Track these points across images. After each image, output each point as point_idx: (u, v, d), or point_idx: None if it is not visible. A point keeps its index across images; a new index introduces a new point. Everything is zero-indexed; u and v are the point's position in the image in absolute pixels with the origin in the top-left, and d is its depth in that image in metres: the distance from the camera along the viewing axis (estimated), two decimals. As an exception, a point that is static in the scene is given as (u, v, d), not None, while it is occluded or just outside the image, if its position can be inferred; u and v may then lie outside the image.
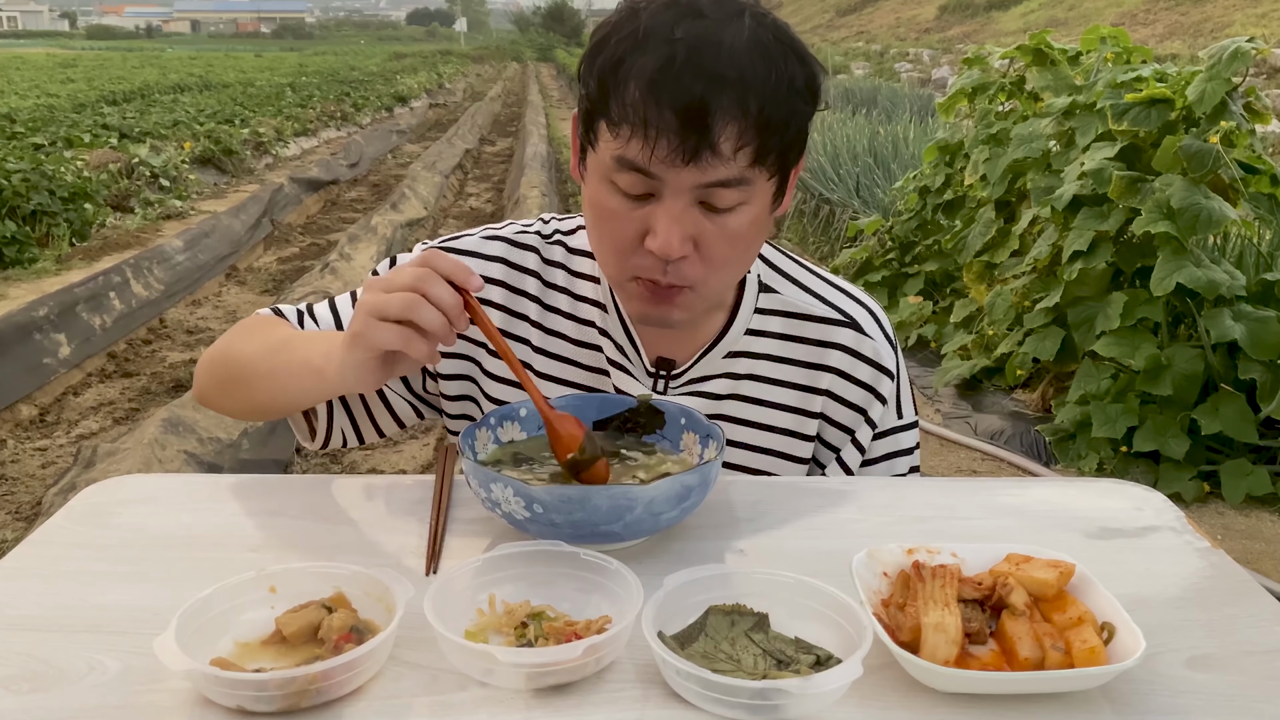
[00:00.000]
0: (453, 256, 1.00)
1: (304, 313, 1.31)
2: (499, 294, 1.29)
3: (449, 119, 20.29)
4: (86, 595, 0.92)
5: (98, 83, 23.79)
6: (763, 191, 1.08)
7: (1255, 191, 3.98)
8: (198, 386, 1.31)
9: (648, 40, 1.02)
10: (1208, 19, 24.18)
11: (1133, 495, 1.16)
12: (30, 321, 5.25)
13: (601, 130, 1.06)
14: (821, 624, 0.85)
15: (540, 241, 1.31)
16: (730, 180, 1.04)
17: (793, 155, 1.08)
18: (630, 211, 1.08)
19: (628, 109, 1.02)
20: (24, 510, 3.76)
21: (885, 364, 1.29)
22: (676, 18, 1.02)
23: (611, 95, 1.03)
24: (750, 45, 1.02)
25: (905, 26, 38.42)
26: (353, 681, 0.79)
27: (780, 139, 1.04)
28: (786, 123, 1.04)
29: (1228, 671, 0.84)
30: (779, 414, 1.28)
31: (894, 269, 6.04)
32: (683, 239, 1.06)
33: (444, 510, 1.07)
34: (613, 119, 1.04)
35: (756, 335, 1.27)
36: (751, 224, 1.09)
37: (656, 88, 1.00)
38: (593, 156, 1.10)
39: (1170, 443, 3.81)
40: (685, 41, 1.00)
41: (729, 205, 1.06)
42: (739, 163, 1.03)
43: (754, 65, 1.01)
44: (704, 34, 1.01)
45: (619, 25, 1.05)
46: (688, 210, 1.06)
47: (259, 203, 9.23)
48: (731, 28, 1.02)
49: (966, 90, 5.39)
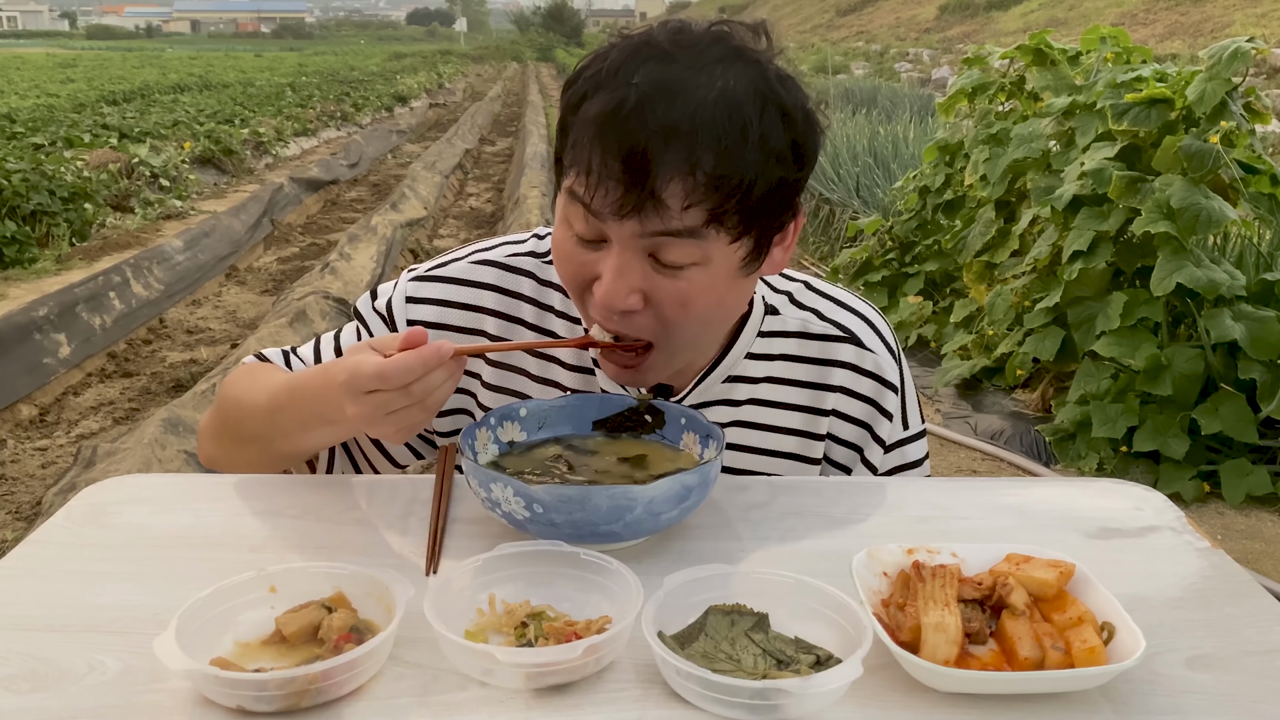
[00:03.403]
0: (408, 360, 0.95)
1: (289, 354, 1.29)
2: (493, 324, 1.24)
3: (449, 119, 20.29)
4: (86, 595, 0.92)
5: (97, 83, 23.79)
6: (724, 255, 1.01)
7: (1255, 191, 3.98)
8: (203, 453, 1.30)
9: (608, 81, 0.97)
10: (1208, 19, 24.17)
11: (1133, 495, 1.16)
12: (30, 321, 5.25)
13: (564, 166, 1.03)
14: (821, 624, 0.85)
15: (535, 263, 1.25)
16: (677, 231, 0.97)
17: (769, 219, 1.01)
18: (582, 255, 1.04)
19: (578, 151, 0.98)
20: (24, 510, 3.76)
21: (888, 377, 1.26)
22: (642, 60, 0.96)
23: (569, 134, 1.00)
24: (718, 97, 0.94)
25: (905, 26, 38.40)
26: (353, 681, 0.79)
27: (742, 199, 0.96)
28: (748, 183, 0.96)
29: (1228, 671, 0.84)
30: (784, 438, 1.25)
31: (894, 269, 6.03)
32: (628, 291, 1.01)
33: (444, 510, 1.07)
34: (568, 158, 1.01)
35: (757, 359, 1.23)
36: (708, 287, 1.02)
37: (602, 133, 0.95)
38: (560, 193, 1.06)
39: (1170, 443, 3.81)
40: (640, 87, 0.94)
41: (680, 262, 1.00)
42: (688, 220, 0.97)
43: (714, 118, 0.93)
44: (664, 80, 0.94)
45: (593, 61, 1.01)
46: (635, 261, 1.01)
47: (259, 203, 9.23)
48: (703, 75, 0.95)
49: (966, 90, 5.38)
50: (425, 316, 1.24)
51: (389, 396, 0.95)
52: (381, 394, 0.95)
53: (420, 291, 1.24)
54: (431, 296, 1.24)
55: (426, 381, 0.95)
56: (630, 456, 1.11)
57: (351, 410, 0.97)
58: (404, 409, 0.96)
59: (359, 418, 0.97)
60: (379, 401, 0.96)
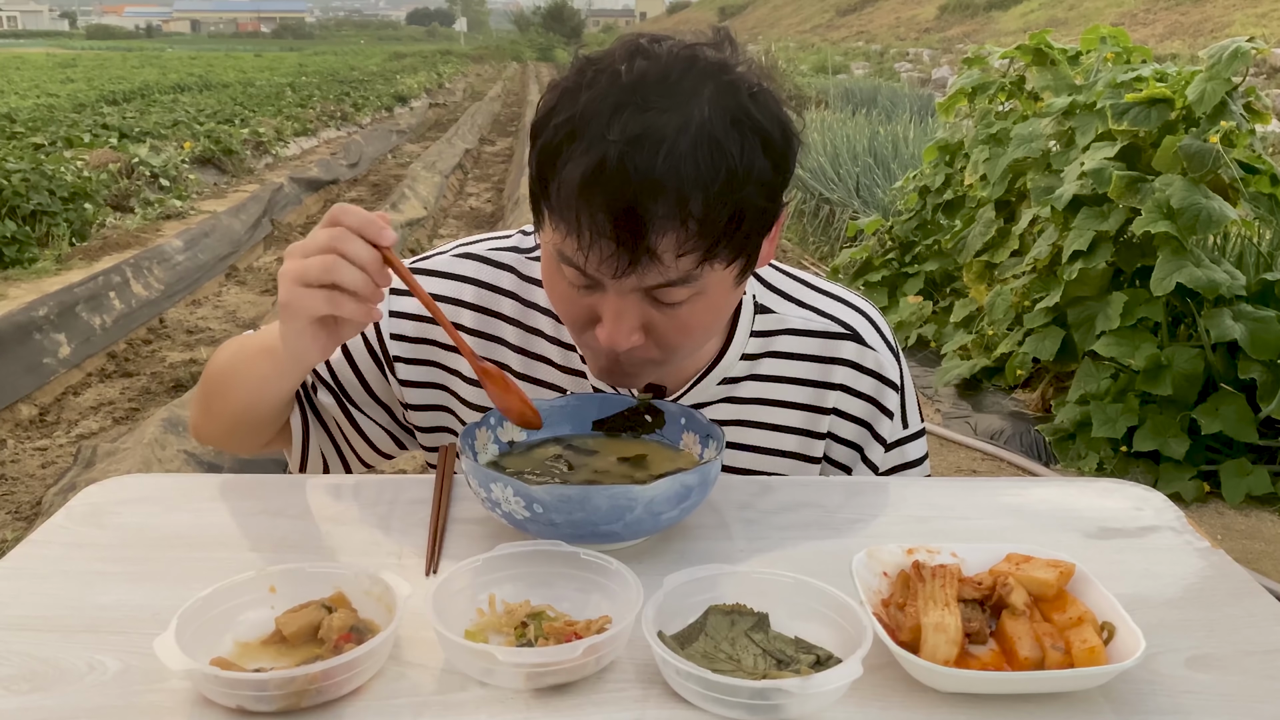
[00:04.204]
0: (361, 211, 0.97)
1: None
2: (469, 318, 1.24)
3: (449, 119, 20.29)
4: (86, 595, 0.92)
5: (97, 83, 23.79)
6: (719, 280, 1.01)
7: (1255, 191, 3.98)
8: (192, 423, 1.32)
9: (584, 132, 0.93)
10: (1208, 19, 24.18)
11: (1133, 495, 1.16)
12: (30, 321, 5.25)
13: (546, 216, 1.00)
14: (821, 624, 0.85)
15: (518, 258, 1.25)
16: (675, 281, 0.98)
17: (754, 238, 1.01)
18: (579, 298, 1.03)
19: (563, 209, 0.96)
20: (24, 510, 3.76)
21: (889, 375, 1.26)
22: (615, 108, 0.92)
23: (550, 185, 0.97)
24: (695, 139, 0.92)
25: (905, 26, 38.41)
26: (353, 681, 0.79)
27: (731, 235, 0.96)
28: (738, 218, 0.96)
29: (1227, 671, 0.84)
30: (785, 437, 1.25)
31: (894, 269, 6.04)
32: (630, 332, 1.01)
33: (444, 510, 1.07)
34: (552, 213, 0.98)
35: (756, 359, 1.23)
36: (707, 310, 1.04)
37: (588, 193, 0.92)
38: (542, 235, 1.04)
39: (1170, 443, 3.81)
40: (619, 143, 0.91)
41: (679, 300, 1.00)
42: (682, 266, 0.96)
43: (697, 164, 0.92)
44: (641, 132, 0.91)
45: (561, 101, 0.96)
46: (634, 305, 1.00)
47: (259, 202, 9.23)
48: (677, 117, 0.92)
49: (966, 90, 5.38)
50: (406, 308, 1.25)
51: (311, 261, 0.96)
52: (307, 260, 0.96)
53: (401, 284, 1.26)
54: None
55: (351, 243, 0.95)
56: (630, 456, 1.11)
57: (281, 295, 0.98)
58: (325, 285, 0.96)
59: (286, 306, 0.98)
60: (300, 267, 0.96)
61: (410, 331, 1.25)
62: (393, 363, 1.26)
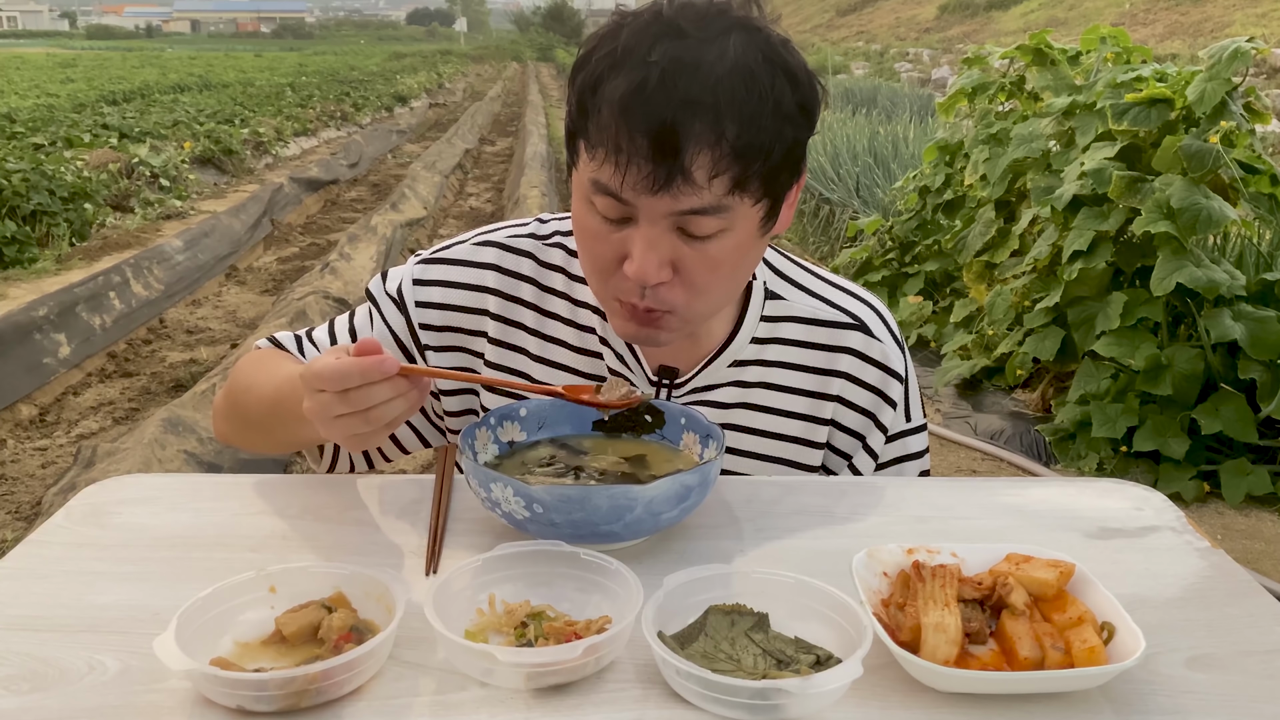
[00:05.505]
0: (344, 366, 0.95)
1: (303, 339, 1.31)
2: (494, 303, 1.27)
3: (449, 119, 20.30)
4: (86, 595, 0.92)
5: (97, 83, 23.77)
6: (746, 217, 1.04)
7: (1255, 191, 3.98)
8: (217, 430, 1.34)
9: (625, 61, 0.98)
10: (1208, 19, 24.18)
11: (1133, 495, 1.16)
12: (30, 321, 5.25)
13: (581, 150, 1.04)
14: (821, 624, 0.85)
15: (536, 244, 1.28)
16: (707, 208, 1.00)
17: (783, 178, 1.04)
18: (609, 234, 1.05)
19: (601, 133, 0.99)
20: (24, 510, 3.76)
21: (894, 367, 1.27)
22: (655, 37, 0.98)
23: (589, 116, 1.01)
24: (733, 67, 0.97)
25: (905, 26, 38.41)
26: (353, 681, 0.79)
27: (763, 164, 1.00)
28: (769, 148, 0.99)
29: (1227, 671, 0.84)
30: (789, 422, 1.26)
31: (894, 269, 6.04)
32: (659, 265, 1.03)
33: (444, 510, 1.07)
34: (590, 141, 1.02)
35: (764, 343, 1.25)
36: (735, 249, 1.06)
37: (628, 112, 0.97)
38: (576, 174, 1.08)
39: (1170, 443, 3.81)
40: (660, 64, 0.96)
41: (708, 233, 1.02)
42: (715, 190, 0.99)
43: (733, 89, 0.97)
44: (681, 55, 0.97)
45: (602, 41, 1.02)
46: (665, 235, 1.03)
47: (259, 202, 9.22)
48: (714, 48, 0.98)
49: (966, 90, 5.38)
50: (432, 298, 1.27)
51: (329, 399, 0.96)
52: (325, 395, 0.96)
53: (426, 274, 1.28)
54: (436, 278, 1.28)
55: (366, 392, 0.95)
56: (630, 456, 1.11)
57: (306, 405, 0.98)
58: (346, 416, 0.96)
59: (311, 415, 0.98)
60: (323, 402, 0.96)
61: (437, 320, 1.28)
62: (423, 351, 1.28)
